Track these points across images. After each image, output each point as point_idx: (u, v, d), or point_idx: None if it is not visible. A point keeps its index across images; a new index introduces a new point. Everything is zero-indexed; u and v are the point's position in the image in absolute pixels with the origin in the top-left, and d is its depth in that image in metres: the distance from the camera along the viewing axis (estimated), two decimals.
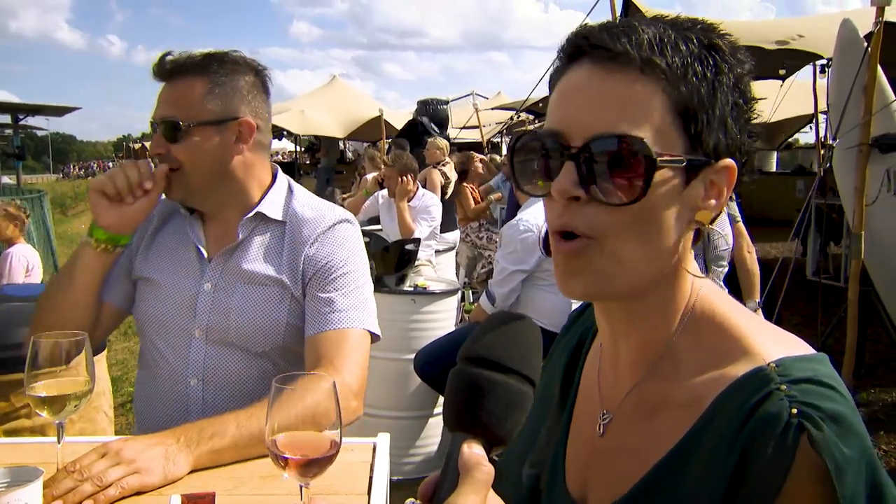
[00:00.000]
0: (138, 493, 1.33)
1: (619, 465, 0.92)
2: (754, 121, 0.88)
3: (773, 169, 21.36)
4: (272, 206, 1.83)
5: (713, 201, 0.86)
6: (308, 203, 1.86)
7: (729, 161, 0.85)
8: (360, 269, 1.83)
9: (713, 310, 0.89)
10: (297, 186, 1.92)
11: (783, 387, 0.77)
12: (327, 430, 1.10)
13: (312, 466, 1.08)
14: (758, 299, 4.11)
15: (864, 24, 4.76)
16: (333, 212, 1.86)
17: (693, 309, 0.90)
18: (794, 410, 0.75)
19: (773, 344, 0.84)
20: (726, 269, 3.95)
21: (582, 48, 0.84)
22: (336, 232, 1.81)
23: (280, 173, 1.91)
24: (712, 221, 0.88)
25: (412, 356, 3.92)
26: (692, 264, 0.91)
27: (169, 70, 1.72)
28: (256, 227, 1.82)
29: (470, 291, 7.42)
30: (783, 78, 8.44)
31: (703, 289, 0.91)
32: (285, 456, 1.06)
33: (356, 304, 1.77)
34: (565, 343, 1.16)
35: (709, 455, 0.80)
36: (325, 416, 1.09)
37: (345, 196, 11.50)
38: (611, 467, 0.94)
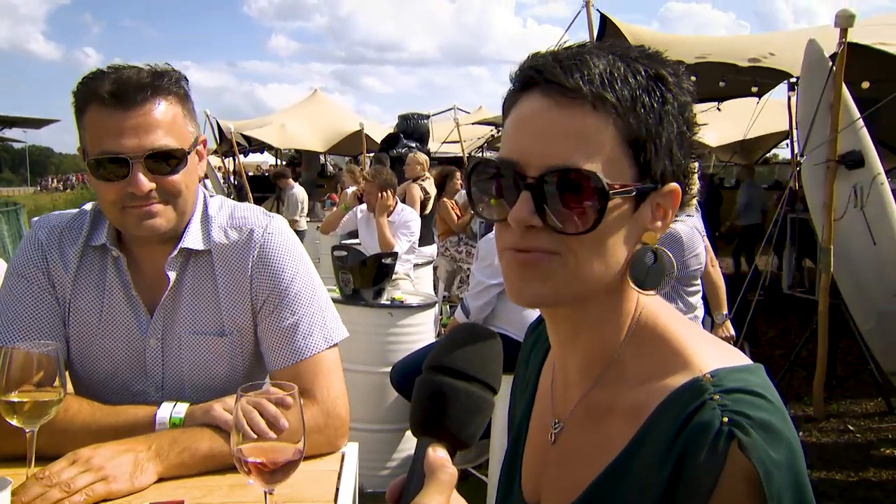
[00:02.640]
0: (106, 500, 1.35)
1: (569, 472, 0.97)
2: (695, 146, 0.92)
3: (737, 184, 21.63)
4: (195, 237, 1.66)
5: (659, 223, 0.91)
6: (226, 222, 1.71)
7: (674, 185, 0.90)
8: (307, 274, 1.72)
9: (655, 322, 0.94)
10: (209, 203, 1.73)
11: (716, 396, 0.81)
12: (290, 437, 1.14)
13: (276, 473, 1.11)
14: (724, 311, 4.17)
15: (830, 44, 4.89)
16: (255, 221, 1.72)
17: (638, 321, 0.94)
18: (726, 419, 0.79)
19: (710, 355, 0.88)
20: (700, 290, 3.98)
21: (534, 79, 0.88)
22: (270, 247, 1.69)
23: None
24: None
25: (389, 369, 3.94)
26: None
27: (133, 94, 1.49)
28: (185, 263, 1.67)
29: (448, 305, 7.45)
30: (758, 95, 8.61)
31: (648, 301, 0.96)
32: (249, 461, 1.10)
33: (319, 321, 1.69)
34: (527, 356, 1.21)
35: (648, 462, 0.84)
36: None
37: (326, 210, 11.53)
38: (562, 474, 0.99)
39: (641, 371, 0.91)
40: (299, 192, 12.30)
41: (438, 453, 0.78)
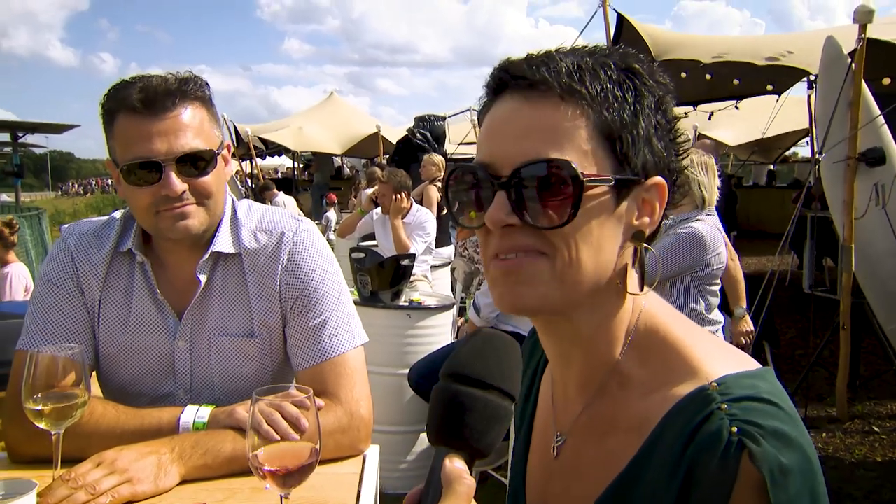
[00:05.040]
0: (130, 502, 1.36)
1: (573, 486, 0.95)
2: (679, 140, 0.92)
3: (769, 182, 21.46)
4: (225, 240, 1.69)
5: (647, 219, 0.89)
6: (256, 226, 1.74)
7: (658, 178, 0.88)
8: (335, 277, 1.75)
9: (657, 326, 0.92)
10: (238, 206, 1.76)
11: (724, 406, 0.79)
12: (306, 441, 1.14)
13: (291, 477, 1.11)
14: (744, 305, 4.13)
15: (849, 41, 4.83)
16: (285, 225, 1.74)
17: (637, 326, 0.92)
18: (734, 429, 0.77)
19: (717, 360, 0.86)
20: (719, 285, 3.98)
21: (504, 81, 0.88)
22: (300, 249, 1.71)
23: None
24: (650, 240, 0.91)
25: (407, 371, 3.95)
26: (632, 284, 0.92)
27: (162, 101, 1.53)
28: (214, 266, 1.70)
29: (466, 306, 7.44)
30: (777, 94, 8.53)
31: (646, 304, 0.93)
32: (263, 465, 1.10)
33: (345, 322, 1.72)
34: (525, 366, 1.18)
35: (656, 476, 0.82)
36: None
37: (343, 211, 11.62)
38: (566, 488, 0.97)
39: (646, 380, 0.89)
40: (282, 199, 12.67)
41: (455, 464, 0.77)
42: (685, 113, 9.67)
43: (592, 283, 0.87)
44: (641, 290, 0.93)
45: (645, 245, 0.91)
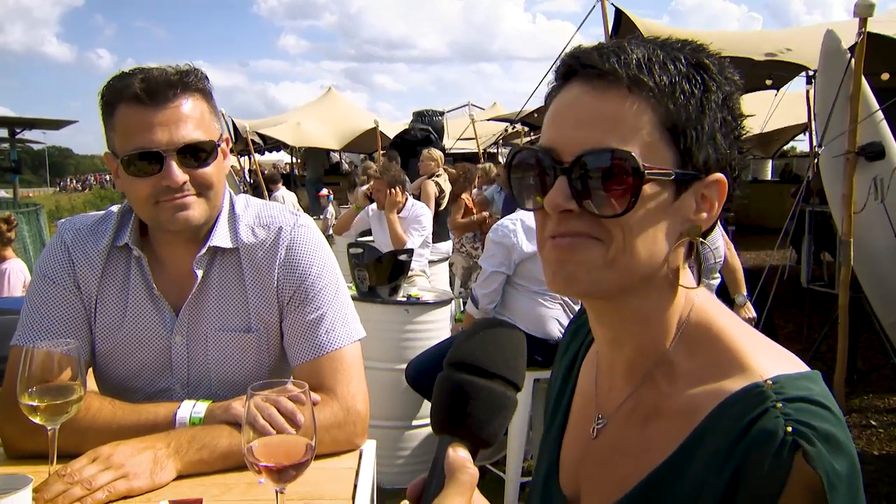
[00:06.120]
0: (126, 497, 1.36)
1: (612, 468, 0.96)
2: (745, 136, 0.91)
3: (769, 177, 21.46)
4: (222, 235, 1.69)
5: (705, 214, 0.89)
6: (253, 221, 1.73)
7: (719, 175, 0.88)
8: (332, 271, 1.75)
9: (709, 321, 0.92)
10: (236, 201, 1.75)
11: (779, 405, 0.79)
12: (302, 436, 1.13)
13: (286, 472, 1.11)
14: (745, 293, 4.15)
15: (849, 35, 4.82)
16: (283, 219, 1.74)
17: (689, 319, 0.92)
18: (790, 428, 0.77)
19: (769, 360, 0.86)
20: (718, 280, 4.01)
21: (574, 68, 0.88)
22: (298, 244, 1.71)
23: None
24: (705, 235, 0.91)
25: (405, 366, 3.94)
26: (687, 278, 0.93)
27: (164, 91, 1.52)
28: (211, 261, 1.70)
29: (461, 300, 7.44)
30: (776, 88, 8.50)
31: (698, 299, 0.94)
32: (259, 459, 1.10)
33: (342, 317, 1.71)
34: (565, 350, 1.19)
35: (704, 466, 0.82)
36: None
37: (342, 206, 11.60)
38: (603, 469, 0.98)
39: (694, 372, 0.89)
40: (282, 194, 12.64)
41: (459, 453, 0.77)
42: None
43: (644, 271, 0.88)
44: (698, 284, 0.93)
45: (701, 239, 0.91)
